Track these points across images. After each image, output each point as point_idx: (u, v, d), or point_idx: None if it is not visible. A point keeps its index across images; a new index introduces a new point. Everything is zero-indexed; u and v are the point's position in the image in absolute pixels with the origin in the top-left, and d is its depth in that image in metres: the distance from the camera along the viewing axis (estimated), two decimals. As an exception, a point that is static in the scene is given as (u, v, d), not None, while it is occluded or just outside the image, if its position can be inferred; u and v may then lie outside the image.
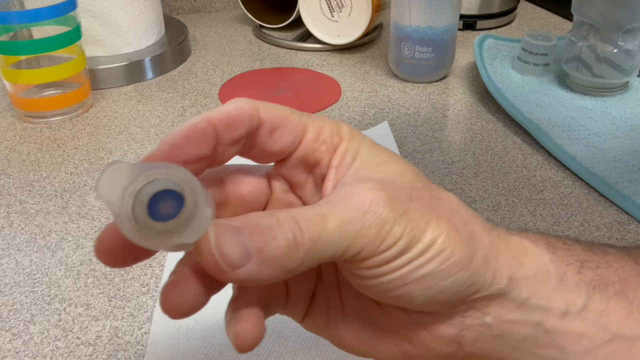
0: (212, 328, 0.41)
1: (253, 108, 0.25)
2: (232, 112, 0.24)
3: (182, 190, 0.21)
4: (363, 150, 0.26)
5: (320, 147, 0.26)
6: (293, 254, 0.22)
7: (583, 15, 0.66)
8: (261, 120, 0.25)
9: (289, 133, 0.26)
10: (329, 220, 0.22)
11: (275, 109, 0.25)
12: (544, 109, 0.66)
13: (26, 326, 0.42)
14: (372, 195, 0.23)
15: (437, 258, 0.23)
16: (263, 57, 0.83)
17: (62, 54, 0.65)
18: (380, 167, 0.25)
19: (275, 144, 0.26)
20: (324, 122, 0.26)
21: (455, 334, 0.25)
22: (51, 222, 0.51)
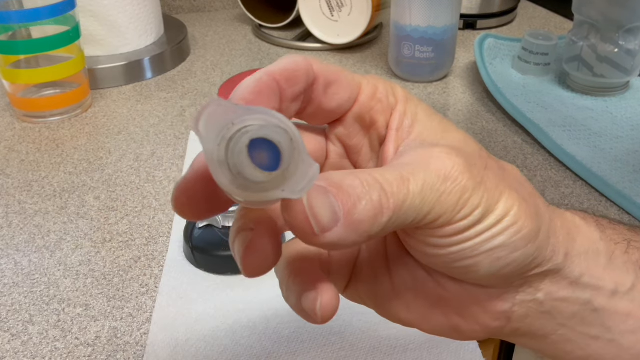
0: (212, 328, 0.41)
1: (307, 62, 0.24)
2: (290, 66, 0.23)
3: (287, 138, 0.19)
4: (421, 114, 0.25)
5: (377, 106, 0.25)
6: (378, 219, 0.21)
7: (584, 14, 0.66)
8: (316, 75, 0.24)
9: (344, 89, 0.25)
10: (411, 184, 0.21)
11: (328, 65, 0.24)
12: (544, 109, 0.66)
13: (25, 327, 0.41)
14: (452, 160, 0.22)
15: (509, 230, 0.22)
16: (263, 57, 0.83)
17: (61, 54, 0.65)
18: (445, 134, 0.25)
19: (331, 101, 0.25)
20: (377, 80, 0.25)
21: (507, 309, 0.25)
22: (50, 222, 0.51)
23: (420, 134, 0.25)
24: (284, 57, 0.24)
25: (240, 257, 0.22)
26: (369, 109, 0.25)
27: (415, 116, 0.25)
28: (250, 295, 0.44)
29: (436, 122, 0.25)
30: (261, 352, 0.39)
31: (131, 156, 0.60)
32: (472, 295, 0.25)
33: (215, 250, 0.45)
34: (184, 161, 0.59)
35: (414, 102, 0.25)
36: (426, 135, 0.25)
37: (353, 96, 0.25)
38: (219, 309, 0.42)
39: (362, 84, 0.25)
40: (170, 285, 0.44)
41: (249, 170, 0.18)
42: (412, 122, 0.25)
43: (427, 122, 0.25)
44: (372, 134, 0.26)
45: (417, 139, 0.25)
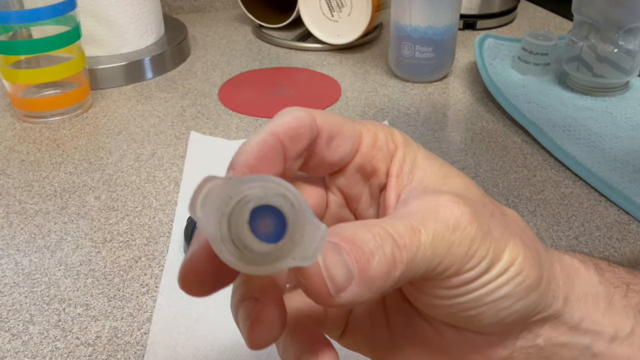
0: (212, 328, 0.41)
1: (311, 117, 0.23)
2: (294, 123, 0.23)
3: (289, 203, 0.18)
4: (420, 159, 0.25)
5: (377, 155, 0.25)
6: (391, 274, 0.20)
7: (584, 14, 0.66)
8: (319, 129, 0.24)
9: (346, 141, 0.24)
10: (422, 235, 0.21)
11: (330, 117, 0.24)
12: (544, 109, 0.66)
13: (25, 326, 0.42)
14: (460, 209, 0.22)
15: (514, 280, 0.22)
16: (263, 57, 0.83)
17: (61, 54, 0.65)
18: (446, 180, 0.24)
19: (334, 154, 0.24)
20: (377, 127, 0.25)
21: (506, 355, 0.25)
22: (50, 222, 0.51)
23: (422, 180, 0.24)
24: (286, 112, 0.23)
25: (245, 330, 0.21)
26: (370, 158, 0.25)
27: (415, 161, 0.25)
28: (251, 295, 0.44)
29: (437, 167, 0.25)
30: (261, 352, 0.39)
31: (131, 156, 0.61)
32: (472, 343, 0.25)
33: (216, 250, 0.45)
34: (184, 161, 0.59)
35: (412, 147, 0.25)
36: (428, 182, 0.24)
37: (355, 147, 0.25)
38: (219, 309, 0.43)
39: (363, 133, 0.25)
40: (170, 285, 0.44)
41: (255, 244, 0.18)
42: (411, 168, 0.25)
43: (427, 167, 0.25)
44: (373, 182, 0.26)
45: (418, 186, 0.24)
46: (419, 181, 0.24)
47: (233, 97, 0.72)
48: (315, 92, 0.73)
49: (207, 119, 0.67)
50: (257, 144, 0.22)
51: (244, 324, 0.22)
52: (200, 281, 0.21)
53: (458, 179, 0.25)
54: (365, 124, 0.25)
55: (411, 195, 0.24)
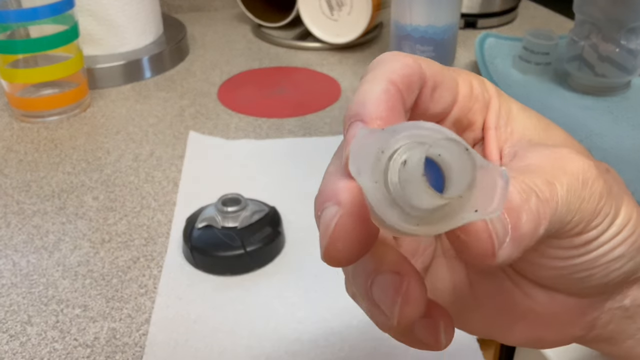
0: (211, 329, 0.41)
1: (417, 63, 0.21)
2: (406, 70, 0.20)
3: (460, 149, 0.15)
4: (515, 111, 0.23)
5: (474, 106, 0.23)
6: (537, 231, 0.19)
7: (585, 14, 0.66)
8: (425, 77, 0.21)
9: (447, 91, 0.22)
10: (558, 189, 0.19)
11: (431, 64, 0.22)
12: (545, 109, 0.66)
13: (23, 327, 0.41)
14: (585, 163, 0.20)
15: (629, 239, 0.21)
16: (262, 56, 0.83)
17: (59, 53, 0.65)
18: (548, 132, 0.23)
19: (436, 105, 0.22)
20: (469, 75, 0.23)
21: (594, 317, 0.24)
22: (48, 222, 0.51)
23: (523, 133, 0.23)
24: (390, 59, 0.21)
25: (395, 306, 0.19)
26: (467, 109, 0.23)
27: (510, 113, 0.23)
28: (250, 296, 0.43)
29: (535, 118, 0.23)
30: (260, 353, 0.39)
31: (130, 156, 0.60)
32: (564, 306, 0.24)
33: (215, 250, 0.45)
34: (183, 161, 0.59)
35: (505, 97, 0.23)
36: (530, 135, 0.23)
37: (454, 98, 0.22)
38: (218, 310, 0.42)
39: (459, 82, 0.23)
40: (169, 285, 0.44)
41: (426, 199, 0.15)
42: (507, 120, 0.23)
43: (525, 119, 0.23)
44: (467, 136, 0.24)
45: (522, 139, 0.22)
46: (520, 134, 0.23)
47: (232, 97, 0.72)
48: (315, 91, 0.73)
49: (206, 118, 0.67)
50: (383, 93, 0.19)
51: (391, 299, 0.19)
52: (349, 249, 0.18)
53: (559, 132, 0.23)
54: (459, 71, 0.23)
55: (520, 148, 0.22)
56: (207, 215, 0.46)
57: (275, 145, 0.61)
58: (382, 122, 0.19)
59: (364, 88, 0.20)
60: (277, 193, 0.53)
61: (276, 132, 0.64)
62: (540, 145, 0.22)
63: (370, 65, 0.21)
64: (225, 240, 0.45)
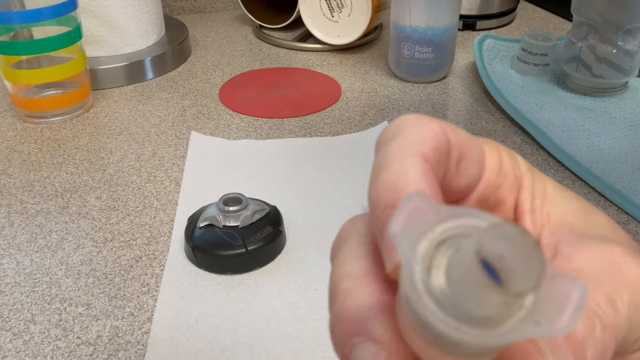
0: (213, 328, 0.41)
1: (444, 131, 0.18)
2: (435, 142, 0.17)
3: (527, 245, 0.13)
4: (551, 191, 0.20)
5: (504, 183, 0.20)
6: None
7: (583, 15, 0.66)
8: (451, 147, 0.18)
9: (473, 162, 0.19)
10: (620, 307, 0.17)
11: (458, 131, 0.19)
12: (543, 109, 0.66)
13: (27, 326, 0.42)
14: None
15: None
16: (263, 57, 0.83)
17: (62, 54, 0.65)
18: (589, 218, 0.20)
19: (461, 179, 0.19)
20: (499, 147, 0.20)
21: None
22: (52, 222, 0.51)
23: (563, 218, 0.20)
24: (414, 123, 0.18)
25: None
26: (495, 187, 0.20)
27: (545, 193, 0.20)
28: (251, 294, 0.44)
29: (574, 200, 0.20)
30: (262, 352, 0.40)
31: (132, 156, 0.61)
32: None
33: (216, 249, 0.45)
34: (185, 161, 0.59)
35: (538, 175, 0.21)
36: (571, 221, 0.20)
37: (480, 171, 0.19)
38: (219, 309, 0.43)
39: (487, 153, 0.20)
40: (171, 284, 0.45)
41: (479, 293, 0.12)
42: (543, 201, 0.20)
43: (563, 202, 0.20)
44: None
45: (562, 226, 0.19)
46: (559, 219, 0.20)
47: (234, 98, 0.72)
48: (316, 92, 0.73)
49: (207, 119, 0.67)
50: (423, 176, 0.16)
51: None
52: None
53: (601, 217, 0.20)
54: (486, 142, 0.20)
55: (562, 239, 0.19)
56: (208, 215, 0.47)
57: (276, 145, 0.62)
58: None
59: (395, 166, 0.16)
60: (278, 192, 0.54)
61: (277, 133, 0.64)
62: (587, 239, 0.19)
63: (389, 131, 0.18)
64: (227, 240, 0.45)
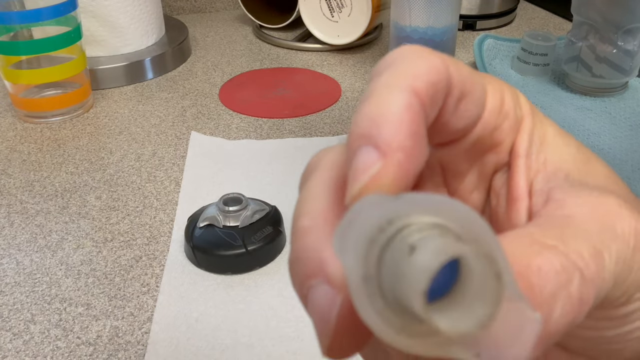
0: (213, 328, 0.41)
1: (445, 67, 0.17)
2: (433, 77, 0.16)
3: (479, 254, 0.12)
4: (551, 135, 0.19)
5: (503, 124, 0.19)
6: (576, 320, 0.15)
7: (583, 15, 0.66)
8: (452, 84, 0.17)
9: (474, 103, 0.18)
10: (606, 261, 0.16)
11: (461, 67, 0.17)
12: (543, 109, 0.66)
13: (27, 326, 0.42)
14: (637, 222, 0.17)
15: None
16: (263, 57, 0.83)
17: (62, 54, 0.65)
18: (589, 167, 0.19)
19: (459, 120, 0.18)
20: (502, 86, 0.19)
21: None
22: (52, 222, 0.51)
23: (559, 165, 0.19)
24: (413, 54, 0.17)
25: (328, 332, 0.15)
26: (493, 127, 0.19)
27: (545, 138, 0.19)
28: (251, 294, 0.44)
29: (574, 147, 0.19)
30: (261, 352, 0.40)
31: (132, 156, 0.61)
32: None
33: (216, 249, 0.45)
34: (185, 161, 0.59)
35: (540, 117, 0.19)
36: (568, 168, 0.19)
37: (480, 111, 0.18)
38: (219, 308, 0.43)
39: (488, 92, 0.18)
40: (171, 284, 0.45)
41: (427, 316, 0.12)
42: (541, 146, 0.19)
43: (562, 147, 0.19)
44: (488, 159, 0.20)
45: (558, 173, 0.18)
46: (555, 166, 0.19)
47: (233, 98, 0.72)
48: (316, 92, 0.73)
49: (207, 119, 0.67)
50: (406, 110, 0.15)
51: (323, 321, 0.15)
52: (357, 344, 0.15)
53: (601, 166, 0.19)
54: (489, 79, 0.19)
55: (556, 186, 0.18)
56: (208, 215, 0.47)
57: (276, 145, 0.62)
58: (404, 156, 0.15)
59: (380, 95, 0.16)
60: (278, 193, 0.54)
61: (277, 133, 0.64)
62: (581, 187, 0.18)
63: (386, 60, 0.18)
64: (227, 240, 0.45)
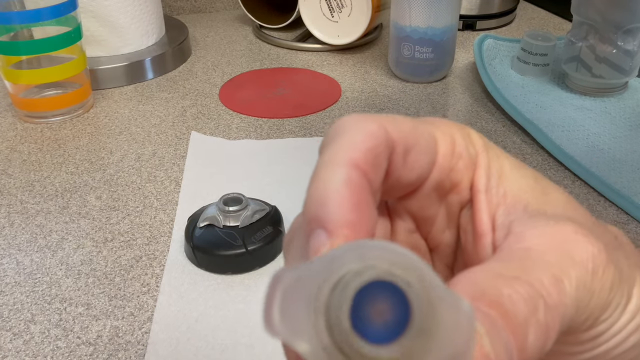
0: (213, 328, 0.41)
1: (383, 129, 0.18)
2: (370, 143, 0.17)
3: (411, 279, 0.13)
4: (508, 168, 0.20)
5: (458, 164, 0.20)
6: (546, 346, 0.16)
7: (582, 15, 0.66)
8: (394, 143, 0.18)
9: (423, 152, 0.19)
10: (567, 287, 0.16)
11: (400, 123, 0.18)
12: (543, 109, 0.66)
13: (27, 326, 0.42)
14: (593, 246, 0.17)
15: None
16: (263, 58, 0.83)
17: (62, 54, 0.65)
18: (547, 197, 0.20)
19: (410, 172, 0.19)
20: (451, 128, 0.20)
21: None
22: (52, 222, 0.52)
23: (518, 196, 0.19)
24: (351, 127, 0.18)
25: None
26: (448, 170, 0.20)
27: (502, 171, 0.20)
28: (251, 294, 0.44)
29: (531, 178, 0.20)
30: (261, 352, 0.40)
31: (132, 156, 0.61)
32: None
33: (216, 249, 0.45)
34: (185, 161, 0.59)
35: (495, 151, 0.20)
36: (526, 199, 0.19)
37: (432, 159, 0.19)
38: (219, 309, 0.43)
39: (438, 139, 0.19)
40: (171, 284, 0.45)
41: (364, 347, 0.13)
42: (499, 180, 0.20)
43: (520, 179, 0.20)
44: (451, 199, 0.21)
45: (517, 204, 0.19)
46: (514, 197, 0.19)
47: (234, 98, 0.72)
48: (316, 92, 0.73)
49: (207, 119, 0.67)
50: (345, 185, 0.16)
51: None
52: None
53: (558, 194, 0.20)
54: (437, 124, 0.20)
55: (517, 220, 0.19)
56: (208, 215, 0.47)
57: (276, 145, 0.62)
58: (349, 230, 0.16)
59: (322, 177, 0.17)
60: (278, 192, 0.54)
61: (277, 132, 0.64)
62: (539, 217, 0.19)
63: (328, 135, 0.18)
64: (227, 240, 0.45)
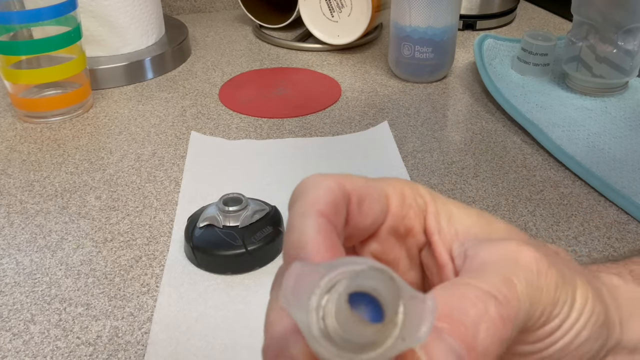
0: (213, 328, 0.41)
1: (339, 184, 0.21)
2: (330, 197, 0.21)
3: (385, 279, 0.16)
4: (455, 211, 0.23)
5: (409, 213, 0.23)
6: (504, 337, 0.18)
7: (583, 15, 0.66)
8: (349, 194, 0.22)
9: (375, 202, 0.22)
10: (517, 284, 0.19)
11: (353, 179, 0.22)
12: (543, 109, 0.66)
13: (26, 326, 0.42)
14: (535, 253, 0.20)
15: (591, 320, 0.21)
16: (263, 57, 0.83)
17: (62, 54, 0.65)
18: (491, 227, 0.23)
19: (366, 218, 0.22)
20: (400, 183, 0.23)
21: None
22: (51, 222, 0.51)
23: (468, 231, 0.23)
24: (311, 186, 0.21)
25: None
26: (401, 217, 0.23)
27: (450, 214, 0.23)
28: (251, 295, 0.44)
29: (475, 215, 0.23)
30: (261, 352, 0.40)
31: (132, 156, 0.61)
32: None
33: (216, 249, 0.45)
34: (185, 161, 0.59)
35: (441, 199, 0.24)
36: (475, 231, 0.23)
37: (384, 208, 0.23)
38: (219, 309, 0.43)
39: (389, 192, 0.23)
40: (171, 284, 0.45)
41: (356, 328, 0.16)
42: (449, 221, 0.23)
43: (466, 218, 0.23)
44: (409, 243, 0.24)
45: (468, 236, 0.23)
46: (465, 232, 0.23)
47: (233, 97, 0.72)
48: (315, 92, 0.73)
49: (207, 119, 0.67)
50: (318, 231, 0.20)
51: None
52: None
53: (501, 224, 0.23)
54: (388, 181, 0.23)
55: (470, 247, 0.22)
56: (208, 215, 0.47)
57: (276, 145, 0.62)
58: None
59: (297, 225, 0.20)
60: (278, 192, 0.54)
61: (276, 132, 0.64)
62: (488, 240, 0.22)
63: (296, 192, 0.22)
64: (227, 240, 0.45)
